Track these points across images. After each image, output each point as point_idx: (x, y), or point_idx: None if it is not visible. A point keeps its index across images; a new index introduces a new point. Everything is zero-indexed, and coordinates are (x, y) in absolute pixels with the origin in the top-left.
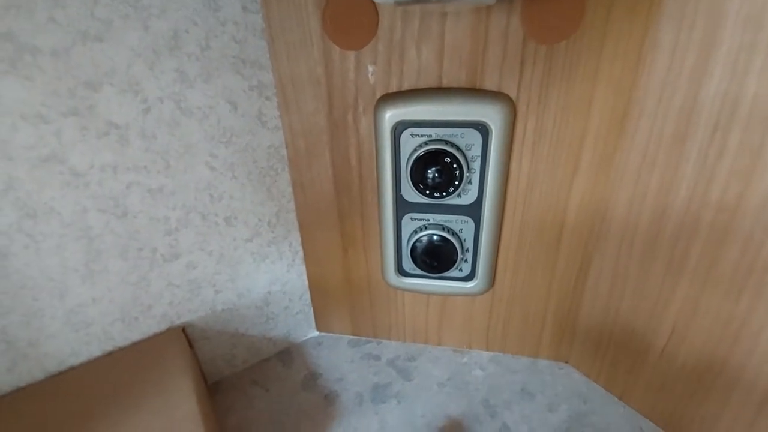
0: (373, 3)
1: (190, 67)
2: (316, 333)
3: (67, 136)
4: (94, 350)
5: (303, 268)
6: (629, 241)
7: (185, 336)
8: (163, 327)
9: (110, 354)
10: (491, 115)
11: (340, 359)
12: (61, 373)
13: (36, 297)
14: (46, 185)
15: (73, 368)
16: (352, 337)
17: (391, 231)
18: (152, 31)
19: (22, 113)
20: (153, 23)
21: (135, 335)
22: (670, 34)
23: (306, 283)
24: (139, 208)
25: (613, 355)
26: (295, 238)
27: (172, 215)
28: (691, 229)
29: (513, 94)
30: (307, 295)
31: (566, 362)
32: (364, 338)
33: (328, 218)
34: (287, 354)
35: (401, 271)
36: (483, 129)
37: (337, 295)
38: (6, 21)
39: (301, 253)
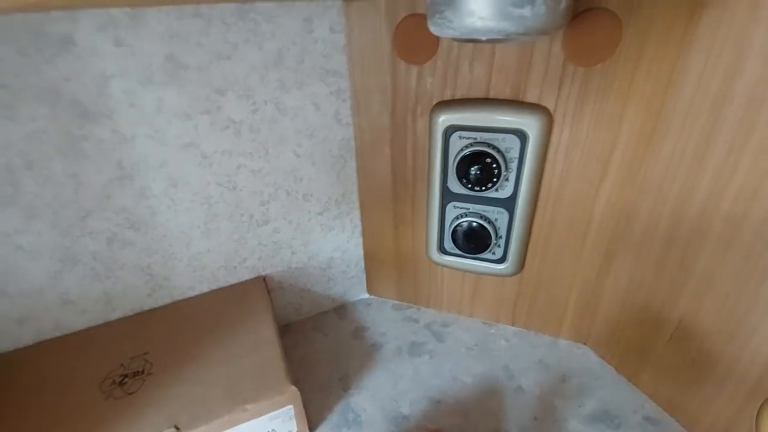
0: None
1: (288, 77)
2: (366, 295)
3: (201, 129)
4: (204, 287)
5: (360, 240)
6: (648, 241)
7: (265, 284)
8: (252, 275)
9: (214, 291)
10: (530, 123)
11: (385, 319)
12: (182, 300)
13: (171, 244)
14: (185, 164)
15: (189, 298)
16: (396, 301)
17: (437, 215)
18: (264, 50)
19: (175, 112)
20: (266, 44)
21: (232, 279)
22: (698, 62)
23: (361, 252)
24: (244, 184)
25: (627, 340)
26: (356, 215)
27: (266, 190)
28: (702, 236)
29: (551, 107)
30: (362, 263)
31: (585, 343)
32: (405, 304)
33: (384, 200)
34: (342, 309)
35: (442, 250)
36: (522, 135)
37: (387, 265)
38: (170, 46)
39: (359, 228)
